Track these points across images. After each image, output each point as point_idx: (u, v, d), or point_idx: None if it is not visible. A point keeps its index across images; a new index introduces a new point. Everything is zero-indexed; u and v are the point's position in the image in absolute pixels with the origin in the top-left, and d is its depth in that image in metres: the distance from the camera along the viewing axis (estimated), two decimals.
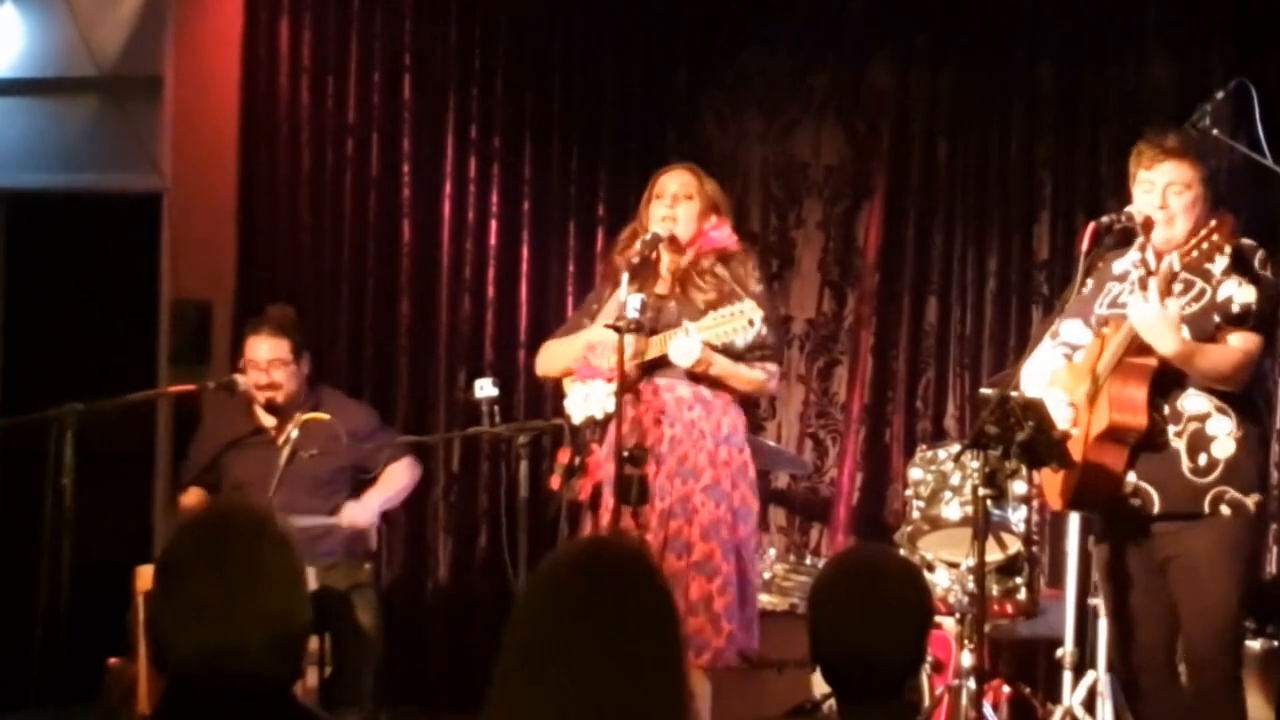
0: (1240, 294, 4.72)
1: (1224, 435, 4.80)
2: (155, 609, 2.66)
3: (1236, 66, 6.29)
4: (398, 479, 6.45)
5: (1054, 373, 5.02)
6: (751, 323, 5.20)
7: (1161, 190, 4.87)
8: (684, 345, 5.27)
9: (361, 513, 6.26)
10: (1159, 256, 4.94)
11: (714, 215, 5.57)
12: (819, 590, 3.26)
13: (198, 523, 2.73)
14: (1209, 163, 4.95)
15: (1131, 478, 4.84)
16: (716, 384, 5.44)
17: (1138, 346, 4.76)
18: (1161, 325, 4.67)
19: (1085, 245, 4.87)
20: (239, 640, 2.59)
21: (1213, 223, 4.61)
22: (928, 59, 7.20)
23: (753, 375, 5.47)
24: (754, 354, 5.45)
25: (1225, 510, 4.80)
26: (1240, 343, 4.77)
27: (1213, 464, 4.79)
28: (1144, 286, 4.82)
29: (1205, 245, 4.58)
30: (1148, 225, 4.90)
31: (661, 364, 5.39)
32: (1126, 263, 5.02)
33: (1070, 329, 5.05)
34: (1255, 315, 4.74)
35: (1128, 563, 4.95)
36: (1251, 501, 4.82)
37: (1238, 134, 5.78)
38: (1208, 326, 4.75)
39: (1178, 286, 4.71)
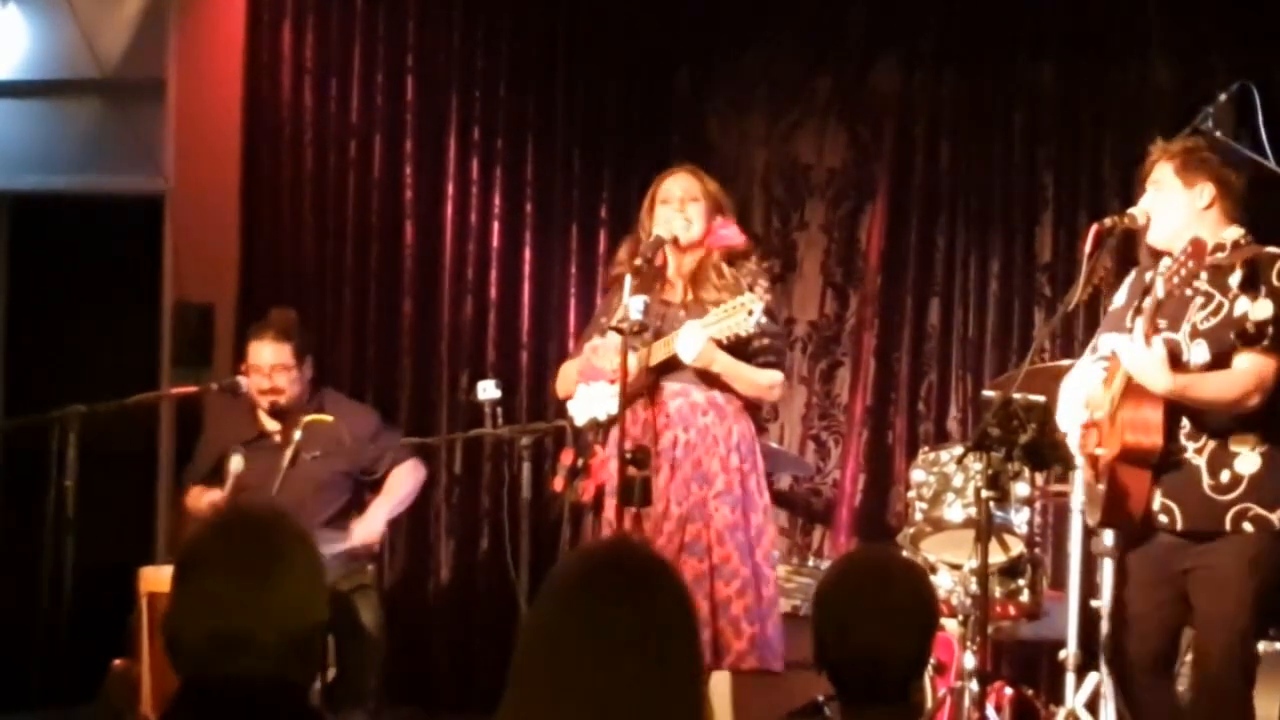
0: (1256, 310, 4.65)
1: (1248, 451, 4.73)
2: (171, 603, 2.66)
3: (1239, 69, 6.28)
4: (402, 485, 6.45)
5: (1089, 394, 4.98)
6: (750, 312, 5.19)
7: (1150, 189, 4.89)
8: (689, 338, 5.27)
9: (371, 529, 6.26)
10: (1154, 256, 4.93)
11: (719, 215, 5.57)
12: (824, 591, 3.26)
13: (218, 520, 2.75)
14: (1194, 156, 4.88)
15: (1158, 495, 4.81)
16: (724, 386, 5.43)
17: None
18: (1150, 366, 4.61)
19: (1088, 248, 4.86)
20: (251, 633, 2.59)
21: (1188, 247, 4.52)
22: (931, 61, 7.20)
23: (758, 378, 5.46)
24: (757, 355, 5.44)
25: (1248, 527, 4.73)
26: (1250, 364, 4.68)
27: (1236, 480, 4.74)
28: (1147, 293, 4.81)
29: (1183, 272, 4.50)
30: (1145, 227, 4.90)
31: (671, 367, 5.39)
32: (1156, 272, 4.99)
33: (1108, 343, 4.99)
34: (1272, 333, 4.66)
35: (1141, 566, 4.92)
36: (1276, 517, 4.75)
37: (1240, 137, 5.77)
38: (1225, 341, 4.69)
39: (1198, 300, 4.67)
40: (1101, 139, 7.02)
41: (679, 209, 5.49)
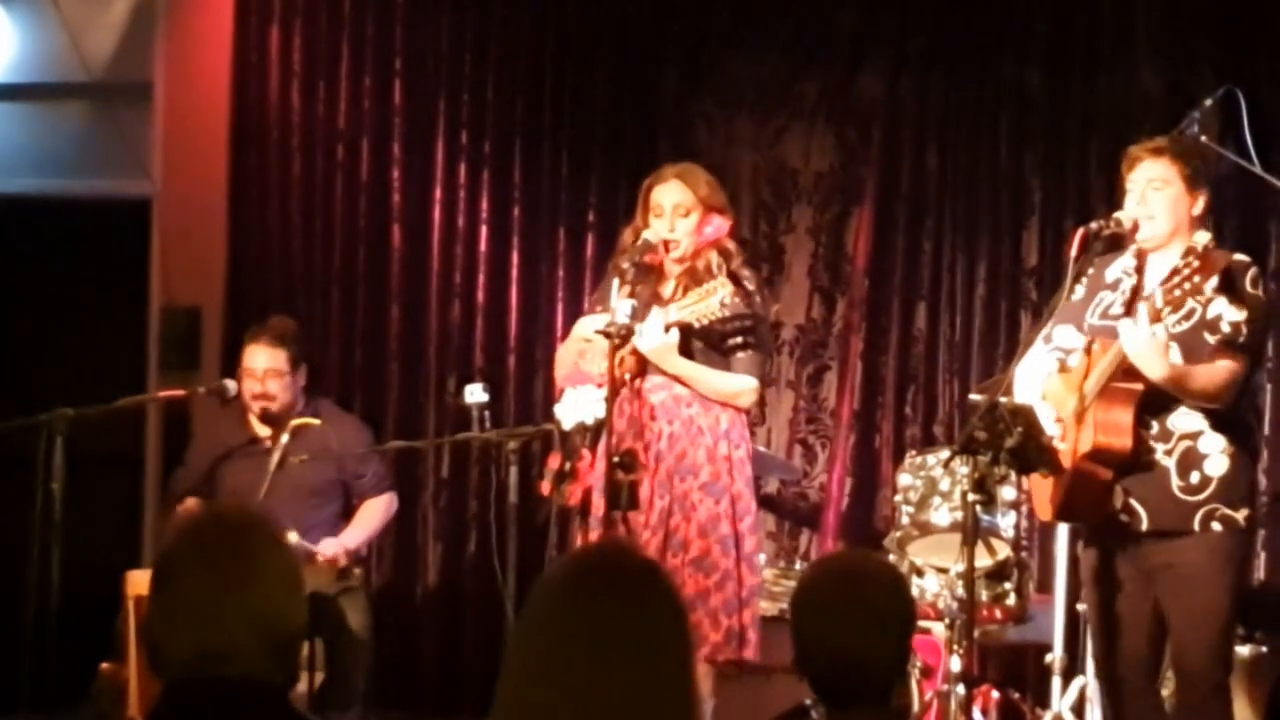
0: (1230, 313, 4.72)
1: (1217, 453, 4.80)
2: (150, 612, 2.66)
3: (1225, 74, 6.31)
4: (373, 517, 6.42)
5: (1046, 382, 5.01)
6: (714, 291, 5.17)
7: (1141, 189, 4.89)
8: (648, 328, 5.25)
9: (337, 548, 6.21)
10: (1141, 256, 4.95)
11: (714, 214, 5.52)
12: (801, 596, 3.27)
13: (193, 525, 2.73)
14: (1195, 164, 4.94)
15: (1120, 494, 4.84)
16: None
17: (1124, 370, 4.75)
18: (1151, 351, 4.66)
19: (1074, 251, 4.88)
20: (232, 643, 2.59)
21: (1195, 263, 4.56)
22: (918, 65, 7.21)
23: (723, 384, 5.40)
24: (731, 336, 5.40)
25: (1216, 526, 4.80)
26: (1229, 364, 4.76)
27: (1205, 482, 4.79)
28: (1130, 311, 4.83)
29: (1187, 285, 4.54)
30: (1134, 230, 4.91)
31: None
32: (1118, 270, 5.02)
33: (1063, 334, 5.05)
34: (1245, 336, 4.74)
35: (1115, 570, 4.95)
36: (1241, 516, 4.83)
37: (1226, 141, 5.79)
38: (1199, 344, 4.75)
39: (1131, 316, 4.71)
40: (1088, 143, 7.03)
41: (670, 226, 5.46)
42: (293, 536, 5.81)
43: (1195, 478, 4.80)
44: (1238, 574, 4.94)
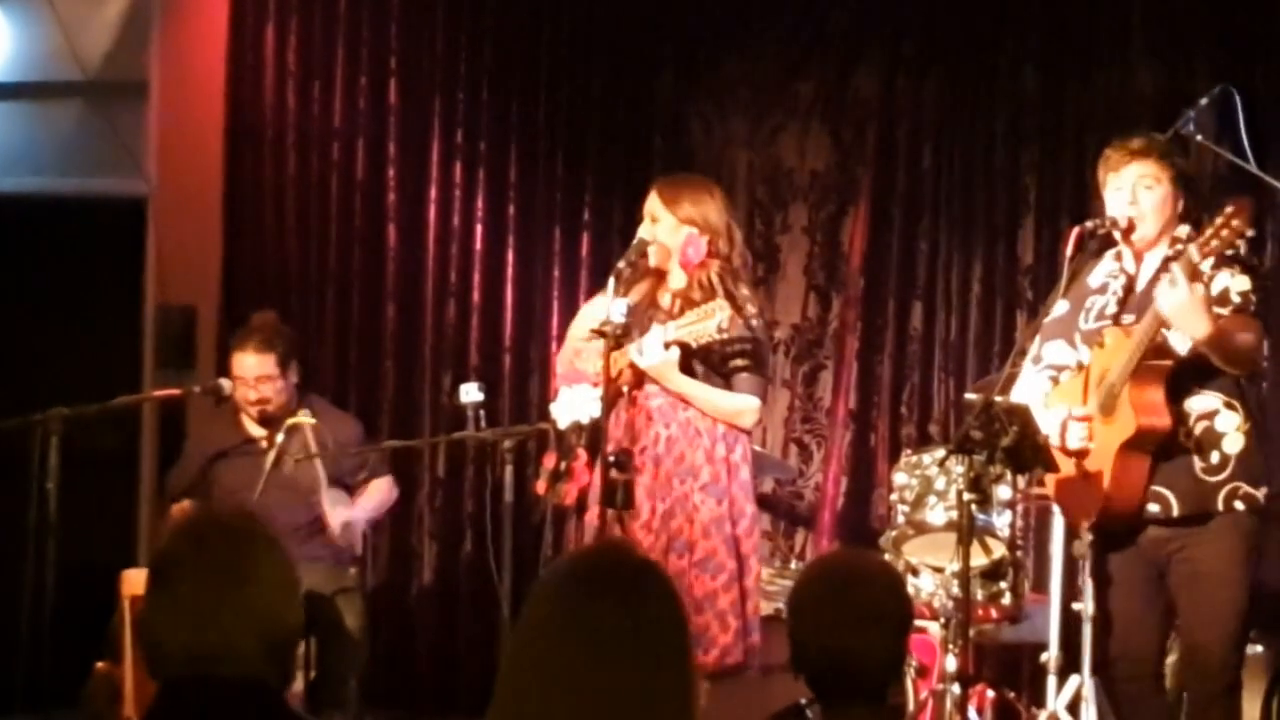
0: (1236, 283, 4.73)
1: (1233, 430, 4.78)
2: (146, 611, 2.67)
3: (1221, 73, 6.31)
4: (376, 494, 6.46)
5: (1045, 396, 4.99)
6: (711, 314, 5.15)
7: (1131, 189, 4.88)
8: (647, 343, 5.24)
9: (353, 515, 6.24)
10: (1138, 257, 4.94)
11: (694, 228, 5.47)
12: (797, 595, 3.27)
13: (190, 525, 2.74)
14: (1177, 162, 4.95)
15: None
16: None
17: (1155, 348, 4.73)
18: (1195, 308, 4.56)
19: (1070, 250, 4.87)
20: (228, 643, 2.60)
21: (1229, 209, 4.51)
22: (913, 64, 7.21)
23: (724, 402, 5.37)
24: (730, 359, 5.39)
25: (1239, 505, 4.77)
26: (1256, 324, 4.76)
27: (1225, 460, 4.77)
28: (1125, 307, 4.83)
29: (1225, 232, 4.49)
30: (1130, 229, 4.90)
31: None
32: (1102, 274, 5.01)
33: (1053, 351, 5.03)
34: (1256, 302, 4.74)
35: (1124, 569, 4.93)
36: (1261, 494, 4.81)
37: (1222, 140, 5.79)
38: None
39: (1167, 277, 4.68)
40: (1084, 142, 7.01)
41: (647, 229, 5.47)
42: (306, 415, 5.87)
43: (1215, 457, 4.77)
44: (1254, 566, 4.88)
